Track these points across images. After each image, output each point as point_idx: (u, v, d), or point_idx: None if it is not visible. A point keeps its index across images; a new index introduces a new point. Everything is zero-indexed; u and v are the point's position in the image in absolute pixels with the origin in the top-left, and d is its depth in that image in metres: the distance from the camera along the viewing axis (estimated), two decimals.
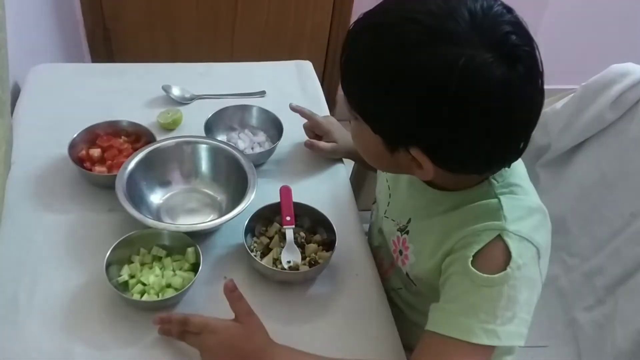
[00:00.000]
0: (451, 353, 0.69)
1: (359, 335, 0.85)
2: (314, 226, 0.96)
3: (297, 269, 0.88)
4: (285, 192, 0.96)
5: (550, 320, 1.15)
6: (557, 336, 1.14)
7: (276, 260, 0.90)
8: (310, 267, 0.89)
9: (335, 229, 0.92)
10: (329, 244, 0.93)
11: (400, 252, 0.87)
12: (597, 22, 2.32)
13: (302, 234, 0.94)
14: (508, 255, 0.68)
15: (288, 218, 0.92)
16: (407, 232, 0.85)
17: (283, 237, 0.92)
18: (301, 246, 0.92)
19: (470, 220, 0.73)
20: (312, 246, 0.92)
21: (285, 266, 0.88)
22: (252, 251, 0.89)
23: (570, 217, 1.15)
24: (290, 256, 0.89)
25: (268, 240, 0.93)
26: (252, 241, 0.93)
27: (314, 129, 1.14)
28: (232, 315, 0.84)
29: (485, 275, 0.68)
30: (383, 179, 0.96)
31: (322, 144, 1.11)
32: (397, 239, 0.88)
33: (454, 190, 0.78)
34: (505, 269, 0.68)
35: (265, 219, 0.96)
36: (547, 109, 1.18)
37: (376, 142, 0.71)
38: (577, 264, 1.14)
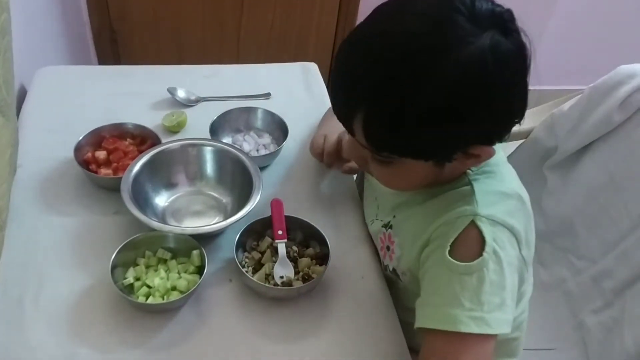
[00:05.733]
0: (446, 347, 0.69)
1: (365, 337, 0.85)
2: (307, 240, 0.95)
3: (291, 284, 0.87)
4: (276, 205, 0.94)
5: (557, 323, 1.14)
6: (564, 339, 1.13)
7: (268, 276, 0.88)
8: (303, 281, 0.87)
9: (328, 242, 0.90)
10: (322, 258, 0.91)
11: (388, 248, 0.87)
12: (605, 23, 2.31)
13: (295, 247, 0.93)
14: (483, 241, 0.68)
15: (280, 232, 0.91)
16: (391, 227, 0.85)
17: (275, 251, 0.91)
18: (294, 260, 0.91)
19: (445, 207, 0.74)
20: (305, 260, 0.90)
21: (278, 281, 0.87)
22: (243, 267, 0.88)
23: (578, 219, 1.15)
24: (283, 271, 0.88)
25: (260, 256, 0.91)
26: (244, 256, 0.92)
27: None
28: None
29: (463, 263, 0.68)
30: (368, 185, 0.95)
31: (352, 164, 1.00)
32: (383, 235, 0.88)
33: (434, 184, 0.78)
34: (481, 254, 0.68)
35: (257, 234, 0.94)
36: (554, 110, 1.17)
37: (424, 167, 0.69)
38: (585, 267, 1.13)
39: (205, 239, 0.92)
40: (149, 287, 0.85)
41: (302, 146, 1.15)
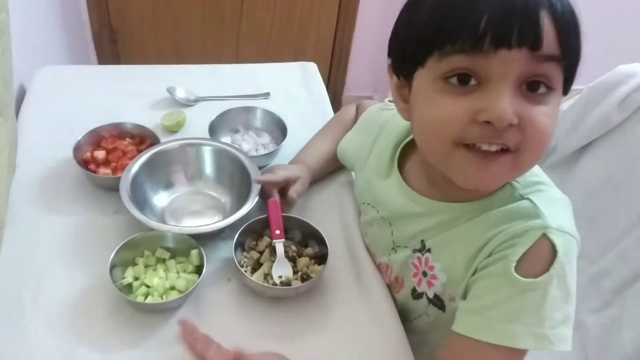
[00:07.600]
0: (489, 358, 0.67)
1: (365, 336, 0.85)
2: (305, 239, 0.95)
3: (289, 284, 0.87)
4: (273, 205, 0.94)
5: None
6: None
7: (267, 275, 0.88)
8: (302, 281, 0.87)
9: (327, 241, 0.90)
10: (320, 257, 0.91)
11: (425, 274, 0.81)
12: (604, 22, 2.31)
13: (293, 247, 0.93)
14: (554, 254, 0.65)
15: (277, 232, 0.91)
16: (429, 251, 0.80)
17: (274, 251, 0.90)
18: (292, 260, 0.90)
19: (504, 222, 0.70)
20: (303, 260, 0.90)
21: (277, 281, 0.87)
22: (242, 266, 0.88)
23: (577, 219, 1.14)
24: (281, 271, 0.88)
25: (258, 255, 0.91)
26: (242, 256, 0.91)
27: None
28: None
29: (528, 279, 0.65)
30: (374, 220, 0.91)
31: (295, 187, 0.99)
32: (417, 261, 0.82)
33: (474, 200, 0.74)
34: (549, 269, 0.65)
35: (255, 233, 0.94)
36: None
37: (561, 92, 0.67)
38: (584, 267, 1.13)
39: (204, 239, 0.92)
40: (147, 286, 0.85)
41: (301, 146, 1.15)
